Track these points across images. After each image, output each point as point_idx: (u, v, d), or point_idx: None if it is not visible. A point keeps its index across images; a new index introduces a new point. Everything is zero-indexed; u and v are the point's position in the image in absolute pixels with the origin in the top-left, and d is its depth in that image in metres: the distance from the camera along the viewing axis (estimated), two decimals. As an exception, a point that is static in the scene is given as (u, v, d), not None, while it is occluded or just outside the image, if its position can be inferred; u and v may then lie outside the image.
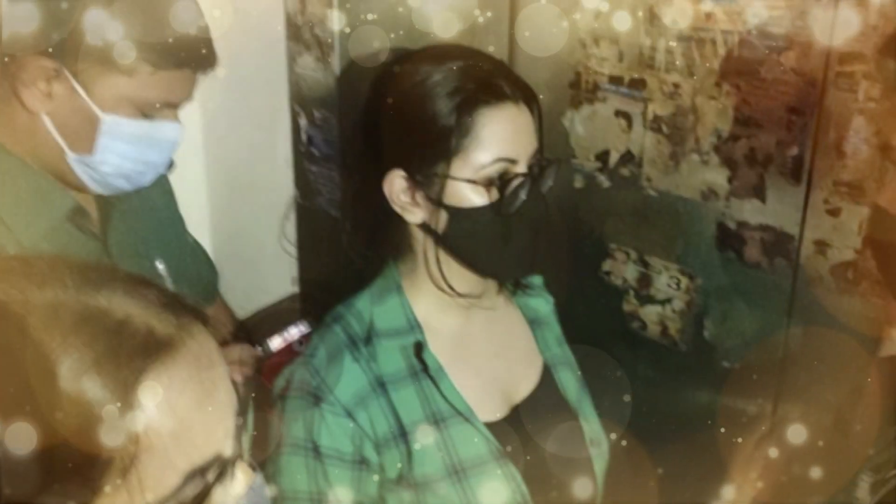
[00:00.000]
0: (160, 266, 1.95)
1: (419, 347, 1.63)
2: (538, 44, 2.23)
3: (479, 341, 1.74)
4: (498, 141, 1.53)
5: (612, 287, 2.35)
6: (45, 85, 1.61)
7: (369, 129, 1.62)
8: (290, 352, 1.98)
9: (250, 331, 2.28)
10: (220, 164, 2.80)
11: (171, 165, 1.80)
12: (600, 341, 2.11)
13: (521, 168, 1.55)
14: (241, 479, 0.98)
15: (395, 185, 1.57)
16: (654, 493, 1.99)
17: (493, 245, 1.58)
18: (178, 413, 0.87)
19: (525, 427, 1.70)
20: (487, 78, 1.55)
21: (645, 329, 2.31)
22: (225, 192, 2.84)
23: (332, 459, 1.56)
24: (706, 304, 2.17)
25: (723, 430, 1.99)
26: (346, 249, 1.70)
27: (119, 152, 1.68)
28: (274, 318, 2.67)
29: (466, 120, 1.51)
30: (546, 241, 1.63)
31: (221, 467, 0.94)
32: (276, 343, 2.00)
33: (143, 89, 1.65)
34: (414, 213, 1.58)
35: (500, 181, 1.54)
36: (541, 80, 2.24)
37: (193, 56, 1.69)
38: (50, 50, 1.57)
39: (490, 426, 1.65)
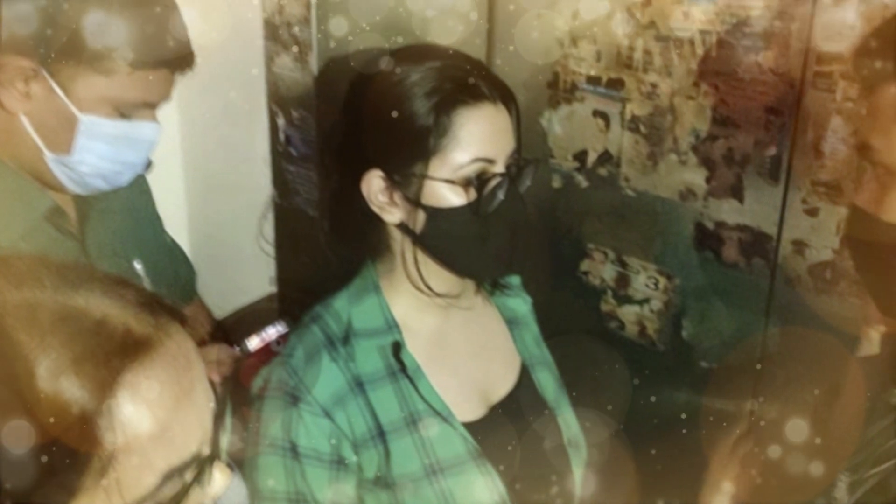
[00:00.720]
0: (138, 266, 1.95)
1: (397, 347, 1.62)
2: (519, 45, 2.23)
3: (457, 341, 1.74)
4: (476, 141, 1.52)
5: (589, 287, 2.35)
6: (24, 85, 1.60)
7: (347, 129, 1.62)
8: (268, 352, 1.98)
9: (228, 331, 2.27)
10: (198, 164, 2.80)
11: (148, 165, 1.80)
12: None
13: (499, 168, 1.55)
14: (218, 480, 0.98)
15: (373, 185, 1.57)
16: (632, 492, 1.99)
17: (471, 245, 1.58)
18: (155, 413, 0.86)
19: (503, 427, 1.70)
20: (465, 78, 1.54)
21: (623, 329, 2.31)
22: (203, 192, 2.84)
23: (309, 459, 1.56)
24: (684, 304, 2.18)
25: (701, 430, 1.99)
26: (323, 249, 1.69)
27: (97, 152, 1.67)
28: (252, 317, 2.67)
29: (444, 120, 1.51)
30: (524, 241, 1.62)
31: (199, 467, 0.93)
32: (253, 343, 2.00)
33: (121, 89, 1.65)
34: (392, 213, 1.58)
35: (478, 181, 1.53)
36: (519, 80, 2.24)
37: (171, 56, 1.69)
38: (40, 51, 1.57)
39: (468, 426, 1.65)
